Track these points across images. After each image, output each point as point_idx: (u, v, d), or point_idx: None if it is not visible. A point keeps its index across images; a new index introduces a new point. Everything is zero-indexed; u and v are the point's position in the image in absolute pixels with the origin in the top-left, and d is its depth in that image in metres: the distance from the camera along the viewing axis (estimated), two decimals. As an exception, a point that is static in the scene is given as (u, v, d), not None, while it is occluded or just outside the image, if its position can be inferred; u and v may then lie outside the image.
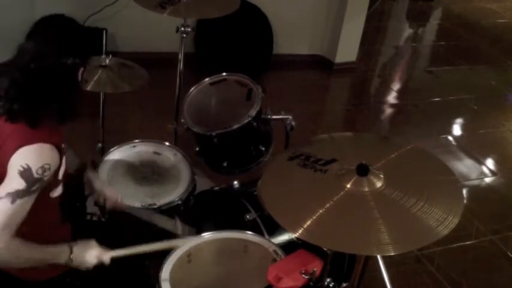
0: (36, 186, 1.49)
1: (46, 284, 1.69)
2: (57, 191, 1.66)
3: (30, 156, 1.48)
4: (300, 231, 1.35)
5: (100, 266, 1.71)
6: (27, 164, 1.47)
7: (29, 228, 1.55)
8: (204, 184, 2.49)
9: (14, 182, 1.47)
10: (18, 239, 1.49)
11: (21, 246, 1.50)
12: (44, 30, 1.61)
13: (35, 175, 1.48)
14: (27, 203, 1.48)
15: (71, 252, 1.61)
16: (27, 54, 1.52)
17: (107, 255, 1.69)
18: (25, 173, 1.47)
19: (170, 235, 2.14)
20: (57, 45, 1.57)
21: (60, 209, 1.73)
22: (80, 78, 1.60)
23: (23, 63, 1.52)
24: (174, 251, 1.75)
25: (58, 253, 1.60)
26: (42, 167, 1.49)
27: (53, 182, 1.59)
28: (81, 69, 1.60)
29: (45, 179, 1.51)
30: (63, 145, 1.61)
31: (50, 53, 1.54)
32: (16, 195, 1.46)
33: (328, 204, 1.41)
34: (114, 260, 1.77)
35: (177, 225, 2.04)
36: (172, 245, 1.78)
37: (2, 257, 1.48)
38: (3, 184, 1.48)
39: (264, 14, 4.39)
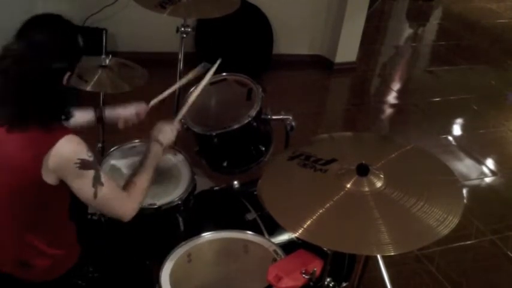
0: (96, 163, 1.57)
1: (48, 284, 1.69)
2: None
3: (72, 150, 1.51)
4: (300, 231, 1.35)
5: (101, 266, 1.73)
6: (77, 158, 1.51)
7: (43, 225, 1.59)
8: (204, 184, 2.49)
9: (83, 177, 1.54)
10: (131, 190, 1.68)
11: (137, 190, 1.70)
12: (33, 30, 1.57)
13: (89, 159, 1.54)
14: (105, 176, 1.59)
15: (161, 144, 1.87)
16: (9, 58, 1.49)
17: (175, 123, 1.98)
18: (83, 164, 1.52)
19: (169, 235, 2.15)
20: (44, 49, 1.52)
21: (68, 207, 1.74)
22: (65, 82, 1.55)
23: (3, 66, 1.48)
24: (173, 251, 1.74)
25: (156, 153, 1.84)
26: (83, 151, 1.54)
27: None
28: (68, 74, 1.55)
29: (93, 156, 1.57)
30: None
31: (34, 58, 1.49)
32: (98, 181, 1.56)
33: (328, 204, 1.41)
34: (116, 260, 1.79)
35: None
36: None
37: (140, 205, 1.69)
38: (77, 188, 1.55)
39: (264, 14, 4.39)
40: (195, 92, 2.12)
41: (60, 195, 1.61)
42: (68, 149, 1.51)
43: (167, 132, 1.92)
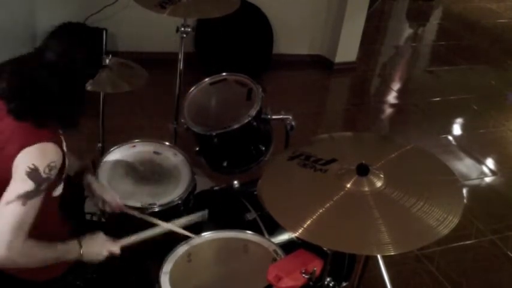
0: (45, 185, 1.48)
1: (47, 284, 1.69)
2: (58, 190, 1.66)
3: (36, 156, 1.47)
4: (300, 230, 1.35)
5: (103, 264, 1.72)
6: (33, 164, 1.46)
7: (30, 229, 1.55)
8: (204, 184, 2.49)
9: (23, 183, 1.46)
10: (31, 241, 1.48)
11: (35, 248, 1.50)
12: (67, 34, 1.60)
13: (43, 174, 1.47)
14: (37, 203, 1.48)
15: (81, 247, 1.62)
16: (53, 52, 1.50)
17: (117, 246, 1.71)
18: (33, 174, 1.46)
19: (170, 235, 2.14)
20: (86, 50, 1.57)
21: (59, 209, 1.73)
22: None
23: (48, 61, 1.50)
24: (173, 251, 1.75)
25: (69, 250, 1.61)
26: (48, 165, 1.48)
27: (57, 180, 1.59)
28: (90, 81, 1.61)
29: (52, 177, 1.50)
30: (63, 143, 1.61)
31: (78, 55, 1.54)
32: (26, 197, 1.45)
33: (328, 204, 1.41)
34: (114, 260, 1.78)
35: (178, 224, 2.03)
36: (176, 229, 1.85)
37: (16, 260, 1.47)
38: (11, 187, 1.47)
39: (264, 14, 4.39)
40: (158, 227, 1.87)
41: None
42: (34, 153, 1.48)
43: (95, 250, 1.68)
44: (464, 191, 3.45)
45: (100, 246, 1.68)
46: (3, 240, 1.43)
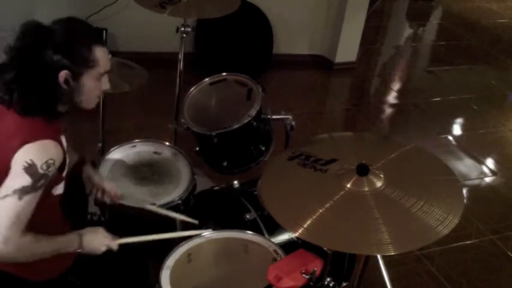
0: (42, 182, 1.48)
1: (47, 284, 1.69)
2: (59, 189, 1.66)
3: (34, 153, 1.47)
4: (300, 230, 1.35)
5: (102, 264, 1.73)
6: (31, 160, 1.46)
7: (30, 227, 1.55)
8: (204, 184, 2.49)
9: (20, 178, 1.46)
10: (28, 236, 1.48)
11: (33, 242, 1.50)
12: (53, 24, 1.55)
13: (40, 170, 1.47)
14: (33, 199, 1.48)
15: (81, 240, 1.63)
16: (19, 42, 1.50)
17: (115, 242, 1.72)
18: (30, 169, 1.46)
19: (169, 239, 2.15)
20: (61, 36, 1.50)
21: (60, 208, 1.73)
22: (62, 80, 1.51)
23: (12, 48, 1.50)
24: (173, 251, 1.75)
25: (69, 242, 1.62)
26: (46, 162, 1.48)
27: (56, 179, 1.60)
28: (65, 72, 1.51)
29: (50, 174, 1.50)
30: (64, 142, 1.61)
31: (33, 43, 1.49)
32: (22, 191, 1.45)
33: (328, 204, 1.41)
34: (115, 260, 1.78)
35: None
36: (178, 235, 1.84)
37: (13, 256, 1.47)
38: (8, 181, 1.47)
39: (264, 14, 4.39)
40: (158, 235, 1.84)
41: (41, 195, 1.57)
42: (34, 149, 1.48)
43: (95, 243, 1.69)
44: (464, 191, 3.45)
45: (99, 240, 1.68)
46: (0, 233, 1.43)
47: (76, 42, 1.52)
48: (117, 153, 2.29)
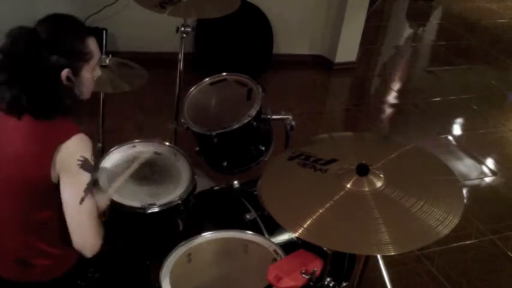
0: (94, 172, 1.56)
1: (49, 284, 1.69)
2: None
3: (79, 148, 1.52)
4: (300, 230, 1.35)
5: (100, 266, 1.74)
6: (82, 156, 1.51)
7: (46, 224, 1.61)
8: (204, 184, 2.49)
9: (81, 177, 1.52)
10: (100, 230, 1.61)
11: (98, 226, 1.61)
12: (38, 25, 1.54)
13: (92, 162, 1.53)
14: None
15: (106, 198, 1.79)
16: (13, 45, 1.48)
17: (109, 193, 1.85)
18: (85, 165, 1.51)
19: (169, 235, 2.15)
20: (51, 32, 1.49)
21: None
22: (64, 79, 1.51)
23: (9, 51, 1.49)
24: (173, 251, 1.75)
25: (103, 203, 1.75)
26: (90, 152, 1.54)
27: None
28: (66, 71, 1.51)
29: (94, 164, 1.57)
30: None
31: (31, 48, 1.47)
32: (89, 188, 1.53)
33: (328, 204, 1.41)
34: (115, 260, 1.79)
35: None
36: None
37: (100, 244, 1.60)
38: (71, 185, 1.52)
39: (264, 14, 4.39)
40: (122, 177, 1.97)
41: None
42: (77, 145, 1.52)
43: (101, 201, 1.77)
44: (464, 191, 3.45)
45: (103, 198, 1.78)
46: (92, 233, 1.57)
47: (70, 39, 1.52)
48: (117, 153, 2.29)
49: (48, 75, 1.50)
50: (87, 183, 1.52)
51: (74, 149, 1.51)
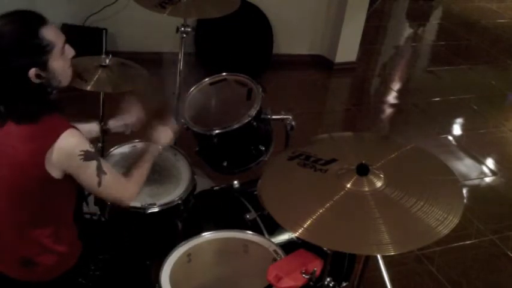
0: (97, 154, 1.62)
1: (51, 283, 1.70)
2: None
3: (73, 145, 1.53)
4: (300, 230, 1.35)
5: (102, 264, 1.75)
6: (81, 150, 1.53)
7: (49, 221, 1.62)
8: (204, 184, 2.49)
9: (88, 167, 1.57)
10: (128, 176, 1.75)
11: (134, 176, 1.77)
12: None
13: (91, 150, 1.57)
14: (106, 164, 1.64)
15: (158, 144, 1.94)
16: None
17: (172, 124, 2.03)
18: (87, 155, 1.55)
19: (169, 235, 2.15)
20: (16, 30, 1.46)
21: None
22: (33, 77, 1.48)
23: None
24: (173, 251, 1.74)
25: (152, 152, 1.90)
26: (85, 143, 1.57)
27: None
28: (33, 70, 1.47)
29: (93, 148, 1.60)
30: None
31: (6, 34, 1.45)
32: (100, 169, 1.59)
33: (328, 204, 1.41)
34: (114, 259, 1.79)
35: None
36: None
37: (137, 191, 1.77)
38: (81, 176, 1.58)
39: (264, 14, 4.39)
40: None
41: (66, 190, 1.63)
42: (70, 143, 1.52)
43: (166, 133, 2.00)
44: (464, 191, 3.45)
45: (167, 133, 1.99)
46: (124, 191, 1.72)
47: (24, 37, 1.47)
48: (117, 153, 2.29)
49: (16, 79, 1.48)
50: (95, 168, 1.58)
51: (70, 147, 1.52)
